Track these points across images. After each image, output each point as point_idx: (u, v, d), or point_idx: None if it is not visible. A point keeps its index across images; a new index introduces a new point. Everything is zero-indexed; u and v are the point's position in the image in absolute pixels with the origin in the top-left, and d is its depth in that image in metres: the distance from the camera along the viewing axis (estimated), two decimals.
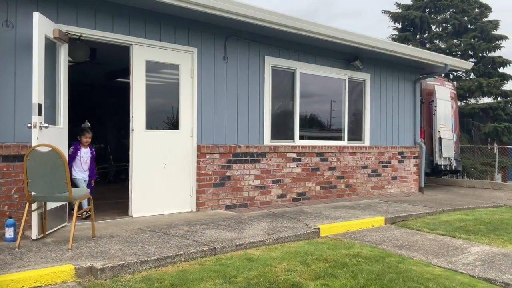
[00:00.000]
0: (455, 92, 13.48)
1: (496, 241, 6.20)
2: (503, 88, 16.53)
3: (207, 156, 7.18)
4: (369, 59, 9.76)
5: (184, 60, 7.04)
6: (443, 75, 12.83)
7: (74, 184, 6.29)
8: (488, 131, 15.55)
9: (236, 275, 4.10)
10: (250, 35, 7.76)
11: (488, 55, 16.66)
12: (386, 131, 10.38)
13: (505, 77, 16.66)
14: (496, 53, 16.76)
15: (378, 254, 5.08)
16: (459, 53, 16.50)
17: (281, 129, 8.44)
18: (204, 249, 4.76)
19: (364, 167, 9.73)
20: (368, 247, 5.43)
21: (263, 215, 7.00)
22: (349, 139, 9.57)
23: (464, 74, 16.94)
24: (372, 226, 6.73)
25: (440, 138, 11.85)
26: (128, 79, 6.63)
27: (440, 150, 11.83)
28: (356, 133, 9.81)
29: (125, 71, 6.97)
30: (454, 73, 16.63)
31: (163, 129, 6.93)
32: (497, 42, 16.63)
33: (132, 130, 6.53)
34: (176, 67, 6.99)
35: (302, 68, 8.62)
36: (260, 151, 7.87)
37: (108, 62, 9.56)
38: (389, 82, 10.45)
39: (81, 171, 6.54)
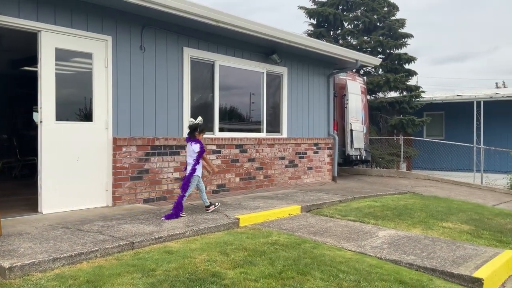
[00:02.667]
0: (365, 86, 14.28)
1: (401, 225, 6.71)
2: (408, 83, 17.75)
3: (124, 149, 6.97)
4: (287, 53, 10.02)
5: (98, 48, 6.75)
6: (354, 70, 13.51)
7: None
8: (395, 123, 16.64)
9: (155, 268, 4.05)
10: (168, 25, 7.62)
11: (395, 52, 17.77)
12: (303, 123, 10.75)
13: (410, 73, 17.88)
14: (403, 50, 17.95)
15: (295, 241, 5.28)
16: (369, 49, 17.44)
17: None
18: (121, 244, 4.64)
19: (282, 158, 10.01)
20: (285, 235, 5.62)
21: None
22: (267, 131, 9.79)
23: (373, 69, 17.95)
24: (289, 214, 6.97)
25: (351, 130, 12.50)
26: (37, 67, 6.22)
27: (352, 142, 12.48)
28: (274, 125, 10.06)
29: (33, 59, 6.54)
30: (364, 68, 17.56)
31: (76, 120, 6.61)
32: (403, 40, 17.77)
33: (41, 121, 6.15)
34: (89, 56, 6.68)
35: (222, 61, 8.64)
36: (180, 144, 7.80)
37: (14, 49, 8.89)
38: (305, 76, 10.81)
39: None
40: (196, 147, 6.38)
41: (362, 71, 17.81)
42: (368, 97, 16.15)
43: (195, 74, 8.23)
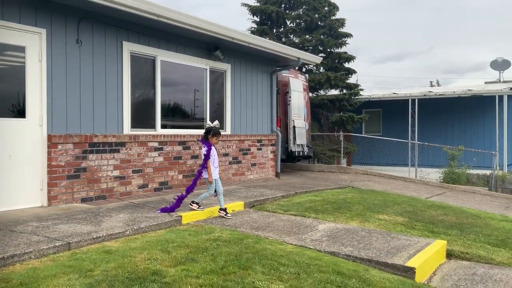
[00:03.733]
0: (307, 84, 14.58)
1: (340, 218, 6.93)
2: (348, 81, 18.31)
3: (60, 147, 6.70)
4: (230, 50, 10.03)
5: (31, 42, 6.44)
6: (296, 68, 13.77)
7: None
8: (335, 120, 17.13)
9: (93, 269, 3.94)
10: (106, 19, 7.40)
11: (335, 50, 18.28)
12: (246, 120, 10.82)
13: (349, 72, 18.46)
14: (343, 49, 18.48)
15: (237, 236, 5.32)
16: (311, 48, 17.82)
17: (142, 117, 8.25)
18: (57, 244, 4.47)
19: (226, 154, 10.03)
20: (228, 231, 5.65)
21: (123, 206, 6.80)
22: None
23: (315, 67, 18.35)
24: (233, 210, 7.00)
25: (294, 127, 12.73)
26: None
27: (294, 138, 12.71)
28: (218, 121, 10.01)
29: None
30: (306, 66, 17.91)
31: (7, 117, 6.26)
32: (343, 39, 18.30)
33: None
34: (22, 49, 6.36)
35: (163, 56, 8.51)
36: (120, 140, 7.61)
37: None
38: (248, 73, 10.88)
39: None
40: (203, 150, 6.46)
41: (304, 69, 18.16)
42: (310, 94, 16.51)
43: (136, 69, 8.06)
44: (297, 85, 13.32)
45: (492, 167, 14.64)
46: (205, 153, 6.40)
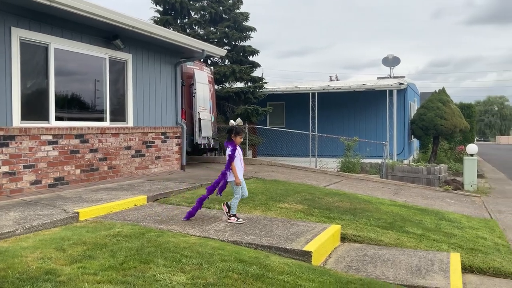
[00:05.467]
0: (212, 76, 14.60)
1: (244, 208, 7.07)
2: (253, 74, 18.62)
3: None
4: (131, 40, 9.71)
5: None
6: (202, 60, 13.70)
7: None
8: (241, 112, 17.35)
9: None
10: None
11: (240, 44, 18.46)
12: (150, 112, 10.57)
13: (254, 65, 18.78)
14: (247, 43, 18.73)
15: (139, 231, 5.21)
16: (216, 40, 17.81)
17: (35, 109, 7.70)
18: None
19: (128, 148, 9.72)
20: (129, 225, 5.51)
21: (13, 204, 6.32)
22: (112, 120, 9.39)
23: (220, 60, 18.38)
24: (135, 205, 6.83)
25: (199, 119, 12.69)
26: None
27: (200, 130, 12.68)
28: (119, 113, 9.69)
29: None
30: (211, 58, 17.87)
31: None
32: (247, 32, 18.53)
33: None
34: None
35: (57, 44, 7.99)
36: (8, 134, 7.04)
37: None
38: (151, 63, 10.61)
39: None
40: (227, 151, 6.01)
41: (210, 61, 18.13)
42: (216, 87, 16.55)
43: (27, 57, 7.48)
44: (202, 77, 13.28)
45: (383, 156, 15.85)
46: (230, 153, 5.96)
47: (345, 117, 20.53)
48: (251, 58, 18.80)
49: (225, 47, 17.52)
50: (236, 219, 6.01)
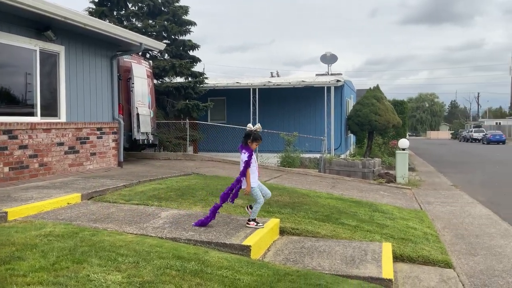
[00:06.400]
0: (151, 70, 14.29)
1: (183, 204, 7.01)
2: (193, 69, 18.42)
3: None
4: (64, 31, 9.28)
5: None
6: (140, 53, 13.37)
7: None
8: (181, 107, 17.12)
9: None
10: None
11: (180, 38, 18.18)
12: (84, 106, 10.17)
13: (194, 60, 18.57)
14: (187, 37, 18.48)
15: (72, 230, 5.02)
16: (154, 33, 17.42)
17: None
18: None
19: (61, 144, 9.31)
20: (61, 225, 5.29)
21: None
22: (43, 115, 8.94)
23: (159, 54, 18.01)
24: (68, 203, 6.57)
25: (138, 114, 12.39)
26: None
27: (138, 126, 12.39)
28: (51, 108, 9.25)
29: None
30: (150, 52, 17.47)
31: None
32: (187, 26, 18.28)
33: None
34: None
35: None
36: None
37: None
38: (85, 56, 10.21)
39: None
40: (244, 156, 5.57)
41: (149, 55, 17.73)
42: (155, 81, 16.22)
43: None
44: (141, 71, 12.96)
45: (321, 151, 16.27)
46: (247, 159, 5.60)
47: (285, 113, 20.84)
48: (191, 53, 18.59)
49: (165, 41, 17.22)
50: (255, 223, 5.73)
